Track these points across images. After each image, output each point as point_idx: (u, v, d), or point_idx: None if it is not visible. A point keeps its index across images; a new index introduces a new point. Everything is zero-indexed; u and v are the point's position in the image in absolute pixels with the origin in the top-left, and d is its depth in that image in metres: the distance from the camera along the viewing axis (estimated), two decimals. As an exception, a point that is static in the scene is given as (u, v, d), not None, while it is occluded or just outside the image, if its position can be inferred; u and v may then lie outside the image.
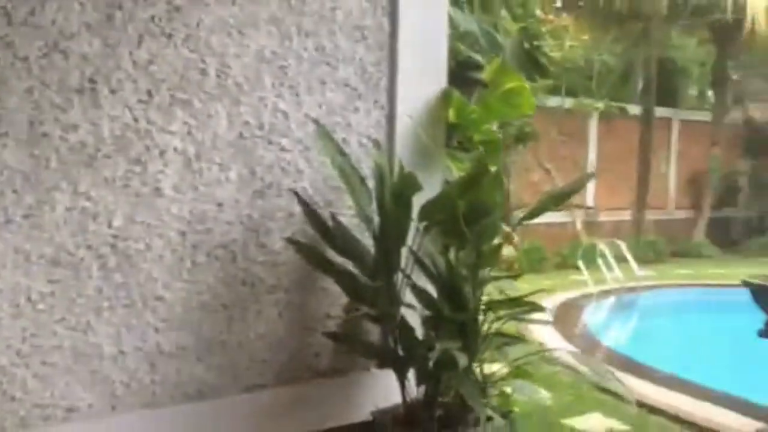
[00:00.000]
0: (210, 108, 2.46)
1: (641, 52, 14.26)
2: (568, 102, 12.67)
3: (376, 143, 2.77)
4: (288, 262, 2.63)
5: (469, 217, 2.38)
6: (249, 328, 2.54)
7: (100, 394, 2.25)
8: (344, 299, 2.73)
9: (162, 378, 2.36)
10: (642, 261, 11.00)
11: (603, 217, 13.21)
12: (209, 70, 2.45)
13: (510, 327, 2.78)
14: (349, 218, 2.72)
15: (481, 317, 2.52)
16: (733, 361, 6.35)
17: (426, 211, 2.46)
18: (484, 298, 2.54)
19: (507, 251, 2.70)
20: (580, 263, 9.74)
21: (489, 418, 2.52)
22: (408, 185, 2.34)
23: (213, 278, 2.47)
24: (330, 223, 2.59)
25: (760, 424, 3.96)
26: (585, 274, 9.44)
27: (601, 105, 12.97)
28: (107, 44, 2.26)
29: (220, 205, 2.49)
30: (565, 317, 7.34)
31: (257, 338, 2.56)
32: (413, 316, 2.58)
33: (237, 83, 2.51)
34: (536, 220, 2.75)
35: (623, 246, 10.40)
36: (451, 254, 2.55)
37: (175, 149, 2.39)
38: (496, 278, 2.57)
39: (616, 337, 7.96)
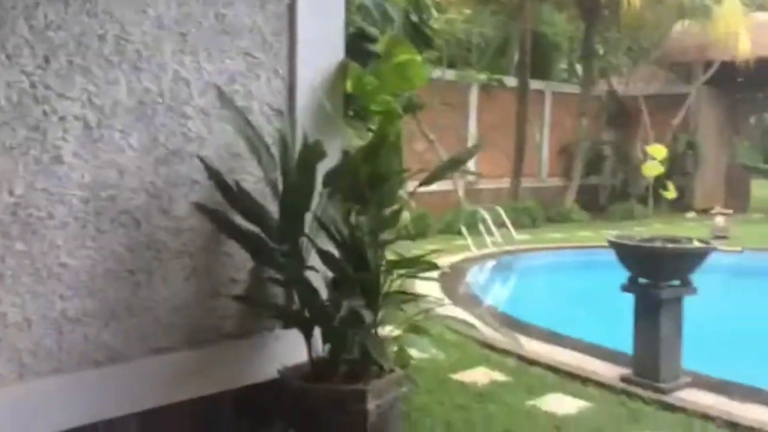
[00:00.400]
0: (110, 75, 2.44)
1: (516, 26, 14.89)
2: (450, 74, 13.06)
3: (279, 112, 2.84)
4: (193, 228, 2.68)
5: (370, 183, 2.52)
6: (155, 293, 2.58)
7: (6, 362, 2.23)
8: (249, 264, 2.81)
9: (69, 345, 2.36)
10: (519, 226, 11.65)
11: (483, 185, 13.82)
12: (108, 36, 2.43)
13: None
14: (250, 184, 2.80)
15: (382, 277, 2.69)
16: (601, 315, 6.91)
17: (330, 177, 2.57)
18: (384, 260, 2.70)
19: (404, 216, 2.86)
20: (463, 228, 10.19)
21: (390, 371, 2.71)
22: (314, 153, 2.45)
23: (118, 245, 2.48)
24: (235, 189, 2.65)
25: (624, 369, 4.37)
26: (468, 239, 9.89)
27: (483, 77, 13.45)
28: (2, 8, 2.20)
29: (122, 172, 2.49)
30: (450, 279, 7.70)
31: (164, 302, 2.60)
32: (317, 279, 2.71)
33: (137, 50, 2.50)
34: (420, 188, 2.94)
35: (502, 212, 10.96)
36: (353, 218, 2.69)
37: (75, 116, 2.37)
38: (395, 240, 2.74)
39: (496, 296, 8.45)
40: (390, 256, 2.80)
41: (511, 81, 14.67)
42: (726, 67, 15.01)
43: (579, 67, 17.96)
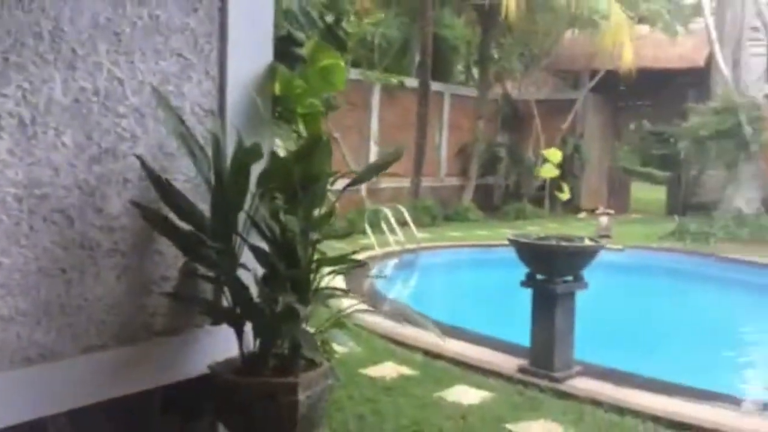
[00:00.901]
0: (45, 72, 2.43)
1: (418, 28, 15.26)
2: (354, 73, 13.23)
3: (212, 112, 2.90)
4: (124, 227, 2.70)
5: (303, 183, 2.64)
6: (88, 291, 2.58)
7: (-62, 362, 2.20)
8: (180, 262, 2.86)
9: (1, 343, 2.34)
10: (419, 224, 11.97)
11: (384, 184, 14.09)
12: (44, 33, 2.42)
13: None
14: (181, 183, 2.85)
15: (311, 274, 2.82)
16: (501, 309, 7.27)
17: (263, 177, 2.67)
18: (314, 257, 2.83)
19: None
20: (367, 227, 10.39)
21: (319, 363, 2.84)
22: (250, 154, 2.54)
23: (51, 243, 2.47)
24: (168, 187, 2.70)
25: (521, 361, 4.65)
26: (371, 238, 10.10)
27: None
28: (-65, 1, 2.16)
29: (56, 170, 2.48)
30: (354, 277, 7.87)
31: (96, 300, 2.61)
32: (249, 276, 2.80)
33: (72, 48, 2.50)
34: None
35: (405, 211, 11.25)
36: (283, 217, 2.79)
37: (10, 113, 2.35)
38: (324, 239, 2.87)
39: (400, 293, 8.70)
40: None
41: (412, 82, 15.02)
42: (610, 75, 16.00)
43: (476, 71, 18.62)
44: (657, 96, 17.22)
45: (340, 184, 2.95)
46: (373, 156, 14.31)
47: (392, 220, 10.66)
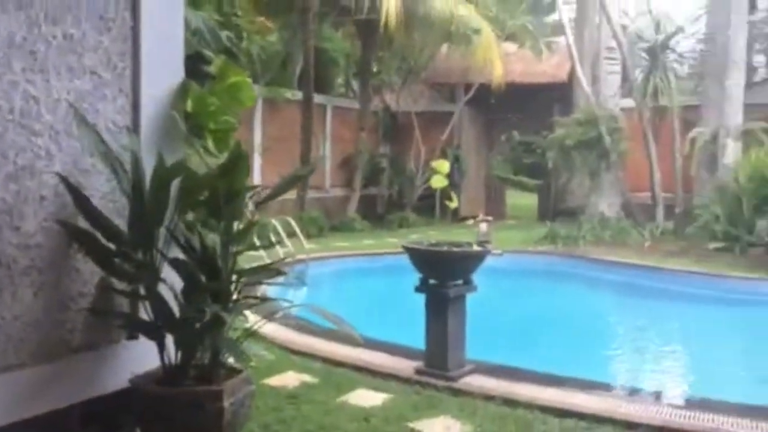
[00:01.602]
0: (-40, 91, 2.42)
1: (299, 41, 15.39)
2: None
3: (129, 129, 2.95)
4: (41, 244, 2.70)
5: (225, 198, 2.75)
6: (5, 310, 2.57)
7: None
8: (97, 277, 2.88)
9: None
10: (307, 236, 12.08)
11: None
12: (-42, 51, 2.41)
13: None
14: (97, 200, 2.87)
15: (233, 285, 2.92)
16: (393, 315, 7.53)
17: (185, 193, 2.76)
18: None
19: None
20: (255, 239, 10.33)
21: (240, 371, 2.95)
22: (172, 171, 2.62)
23: (-32, 262, 2.45)
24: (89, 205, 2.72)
25: (417, 363, 4.86)
26: (260, 250, 10.07)
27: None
28: None
29: (-28, 188, 2.47)
30: (245, 288, 7.84)
31: (13, 319, 2.60)
32: (169, 289, 2.86)
33: (-13, 67, 2.50)
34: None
35: (293, 222, 11.32)
36: (202, 230, 2.89)
37: (-75, 132, 2.32)
38: (244, 251, 2.99)
39: (310, 304, 8.72)
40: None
41: (294, 95, 15.11)
42: (483, 89, 16.81)
43: (356, 83, 18.96)
44: (526, 109, 18.27)
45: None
46: (257, 169, 14.29)
47: (281, 232, 10.71)
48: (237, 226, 2.90)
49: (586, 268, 11.12)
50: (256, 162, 14.28)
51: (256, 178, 14.16)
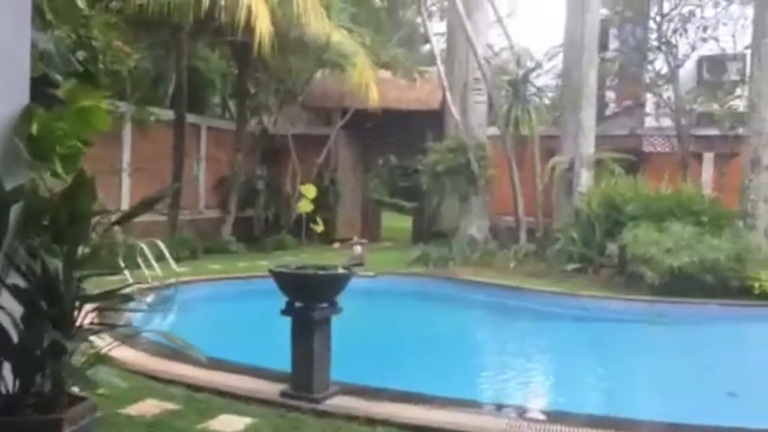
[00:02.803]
0: None
1: (172, 60, 15.10)
2: (104, 104, 12.67)
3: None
4: None
5: (69, 222, 2.72)
6: None
7: None
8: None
9: None
10: (179, 258, 11.80)
11: (138, 217, 13.60)
12: None
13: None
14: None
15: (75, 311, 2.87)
16: (266, 338, 7.50)
17: (26, 218, 2.70)
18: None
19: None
20: (121, 262, 9.99)
21: (83, 398, 2.89)
22: (12, 196, 2.57)
23: None
24: None
25: (283, 386, 4.91)
26: (126, 273, 9.74)
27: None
28: None
29: None
30: (108, 313, 7.57)
31: None
32: (4, 317, 2.77)
33: None
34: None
35: (162, 245, 11.03)
36: (48, 256, 2.83)
37: None
38: (91, 275, 2.95)
39: (158, 328, 8.50)
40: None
41: (167, 114, 14.78)
42: (359, 114, 17.15)
43: (233, 104, 18.78)
44: (401, 134, 18.79)
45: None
46: (126, 189, 13.83)
47: (149, 255, 10.42)
48: (82, 250, 2.86)
49: (454, 288, 11.57)
50: (125, 182, 13.81)
51: (125, 198, 13.71)
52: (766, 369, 7.34)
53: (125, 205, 13.70)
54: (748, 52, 12.43)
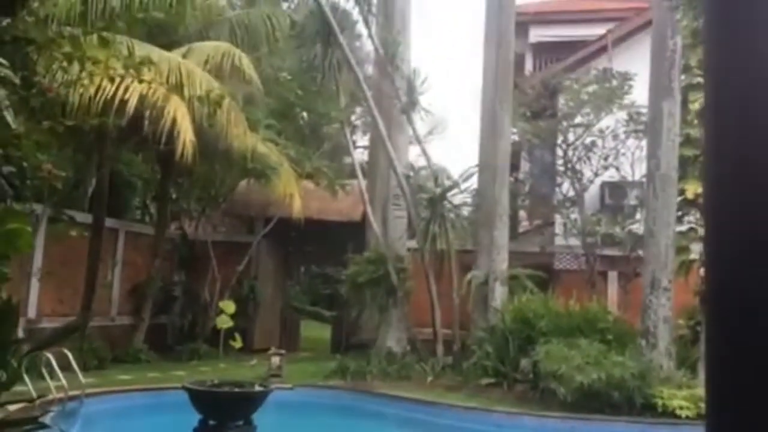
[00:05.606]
0: None
1: (93, 164, 15.00)
2: (16, 206, 12.39)
3: None
4: None
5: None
6: None
7: None
8: None
9: None
10: (86, 368, 11.34)
11: (46, 323, 13.09)
12: None
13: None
14: None
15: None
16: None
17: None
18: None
19: None
20: (24, 374, 9.54)
21: None
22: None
23: None
24: None
25: None
26: (28, 385, 9.28)
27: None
28: None
29: None
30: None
31: None
32: None
33: None
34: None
35: (69, 354, 10.60)
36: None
37: None
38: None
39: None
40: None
41: (84, 217, 14.53)
42: (282, 222, 17.35)
43: (153, 208, 18.63)
44: (323, 243, 19.04)
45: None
46: (34, 293, 13.33)
47: (54, 365, 9.98)
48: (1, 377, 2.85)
49: (370, 402, 11.52)
50: (34, 287, 13.32)
51: (32, 304, 13.20)
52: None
53: (32, 311, 13.19)
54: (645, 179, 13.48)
